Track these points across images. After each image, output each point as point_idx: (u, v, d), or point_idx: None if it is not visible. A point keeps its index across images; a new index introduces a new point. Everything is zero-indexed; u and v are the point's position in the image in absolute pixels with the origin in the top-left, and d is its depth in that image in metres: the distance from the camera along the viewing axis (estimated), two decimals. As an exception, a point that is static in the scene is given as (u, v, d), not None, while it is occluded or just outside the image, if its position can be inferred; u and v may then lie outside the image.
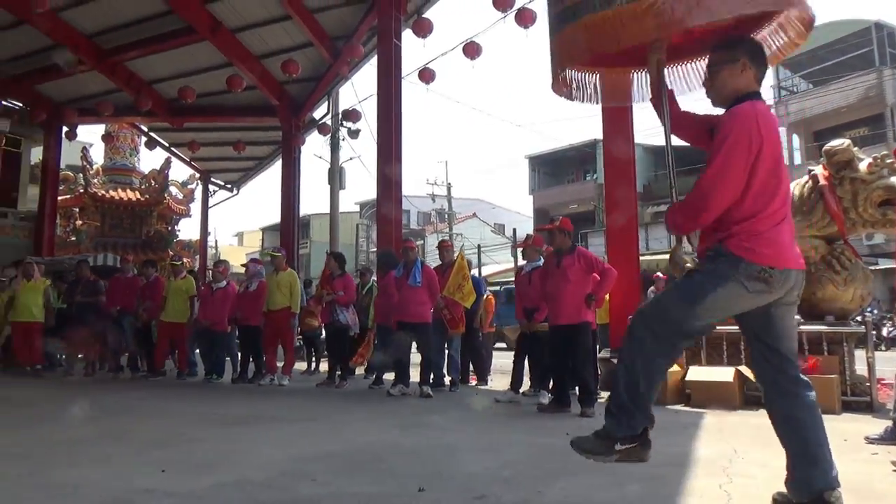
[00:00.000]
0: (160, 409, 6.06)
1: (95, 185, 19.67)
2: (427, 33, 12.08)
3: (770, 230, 2.43)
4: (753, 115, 2.42)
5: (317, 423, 5.14)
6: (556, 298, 5.89)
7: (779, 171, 2.49)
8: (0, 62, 15.07)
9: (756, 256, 2.39)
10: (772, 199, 2.44)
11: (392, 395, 7.01)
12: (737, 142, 2.39)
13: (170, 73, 14.85)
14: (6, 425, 4.88)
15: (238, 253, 45.21)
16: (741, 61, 2.56)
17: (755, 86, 2.59)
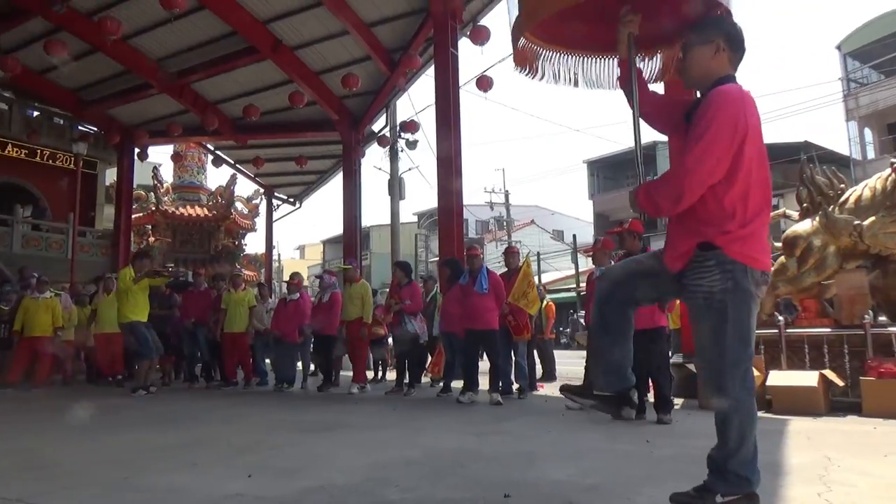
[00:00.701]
0: (238, 416, 6.20)
1: (166, 203, 20.45)
2: (484, 41, 12.12)
3: (763, 232, 2.41)
4: (741, 99, 2.35)
5: (392, 430, 5.16)
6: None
7: (762, 164, 2.40)
8: (77, 89, 15.88)
9: (759, 264, 2.36)
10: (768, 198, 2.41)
11: (462, 402, 6.99)
12: (723, 123, 2.30)
13: (234, 93, 15.35)
14: (96, 432, 5.07)
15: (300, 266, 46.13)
16: (715, 42, 2.48)
17: (729, 69, 2.50)
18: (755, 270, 2.34)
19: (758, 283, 2.36)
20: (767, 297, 7.18)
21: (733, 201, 2.33)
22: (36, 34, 13.39)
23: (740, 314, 2.35)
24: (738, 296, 2.33)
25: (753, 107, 2.38)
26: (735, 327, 2.35)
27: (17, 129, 17.34)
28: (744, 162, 2.32)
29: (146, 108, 16.32)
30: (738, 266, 2.32)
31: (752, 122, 2.34)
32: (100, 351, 10.14)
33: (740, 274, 2.32)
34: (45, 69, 14.76)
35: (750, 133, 2.31)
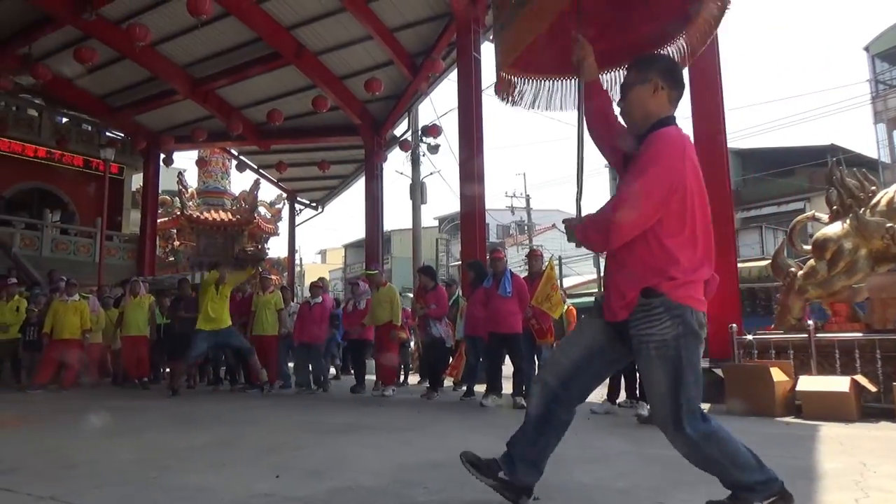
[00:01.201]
0: (263, 418, 6.24)
1: (191, 208, 20.72)
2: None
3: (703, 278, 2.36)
4: (682, 144, 2.31)
5: (416, 432, 5.15)
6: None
7: (705, 212, 2.35)
8: (105, 95, 16.15)
9: (702, 305, 2.34)
10: (711, 248, 2.36)
11: (485, 406, 6.96)
12: (664, 168, 2.26)
13: (258, 98, 15.52)
14: (124, 433, 5.13)
15: (321, 270, 46.37)
16: (653, 81, 2.41)
17: (669, 109, 2.43)
18: (699, 312, 2.32)
19: (702, 324, 2.34)
20: (797, 300, 7.07)
21: (680, 247, 2.29)
22: (66, 42, 13.65)
23: (694, 358, 2.32)
24: (690, 339, 2.30)
25: (693, 151, 2.34)
26: (692, 371, 2.31)
27: (46, 136, 17.69)
28: (688, 208, 2.28)
29: (172, 113, 16.57)
30: (685, 310, 2.29)
31: (693, 167, 2.30)
32: (126, 354, 10.27)
33: (689, 317, 2.29)
34: (75, 76, 15.04)
35: (691, 179, 2.28)
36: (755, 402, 6.14)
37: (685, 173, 2.26)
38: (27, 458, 3.88)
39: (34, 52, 13.74)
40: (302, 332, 9.48)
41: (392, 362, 8.98)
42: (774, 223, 25.01)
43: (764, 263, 15.48)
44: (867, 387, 6.01)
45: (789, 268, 7.30)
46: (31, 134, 17.53)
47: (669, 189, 2.24)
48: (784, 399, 6.16)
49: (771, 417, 5.88)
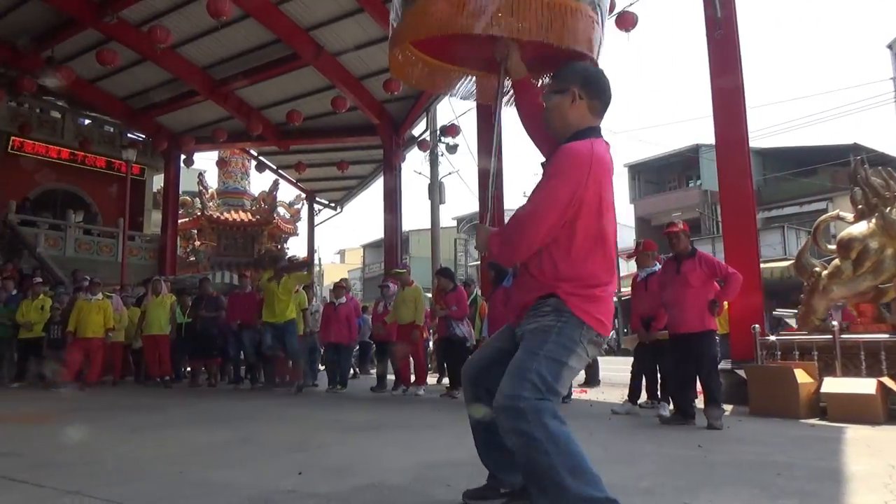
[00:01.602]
0: (286, 416, 6.27)
1: (211, 209, 20.89)
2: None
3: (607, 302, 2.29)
4: (588, 161, 2.18)
5: (437, 431, 5.15)
6: (678, 305, 5.65)
7: (609, 230, 2.27)
8: (126, 97, 16.34)
9: (597, 324, 2.24)
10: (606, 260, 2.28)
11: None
12: (562, 184, 2.18)
13: (277, 99, 15.60)
14: (148, 430, 5.18)
15: (340, 270, 46.52)
16: (571, 90, 2.33)
17: (590, 120, 2.35)
18: (591, 328, 2.22)
19: (592, 341, 2.24)
20: (821, 300, 6.97)
21: (571, 262, 2.23)
22: (88, 45, 13.82)
23: (556, 353, 2.17)
24: (564, 337, 2.18)
25: (604, 167, 2.24)
26: (550, 354, 2.16)
27: (69, 137, 17.94)
28: (581, 224, 2.20)
29: (192, 115, 16.71)
30: (573, 318, 2.20)
31: (598, 185, 2.20)
32: (148, 352, 10.38)
33: (574, 323, 2.20)
34: (96, 78, 15.24)
35: (592, 196, 2.18)
36: (778, 403, 6.07)
37: (581, 194, 2.16)
38: (54, 454, 3.93)
39: (57, 54, 13.92)
40: (328, 333, 9.59)
41: (417, 362, 9.00)
42: (796, 223, 24.71)
43: (786, 264, 15.31)
44: (893, 389, 5.92)
45: (814, 268, 7.20)
46: (54, 136, 17.79)
47: (567, 204, 2.17)
48: (808, 401, 6.08)
49: (795, 419, 5.81)
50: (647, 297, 6.38)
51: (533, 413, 2.08)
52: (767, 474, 3.36)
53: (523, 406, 2.09)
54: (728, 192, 8.24)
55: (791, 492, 3.00)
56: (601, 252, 2.26)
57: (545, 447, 2.06)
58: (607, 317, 2.28)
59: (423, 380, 8.90)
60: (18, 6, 13.11)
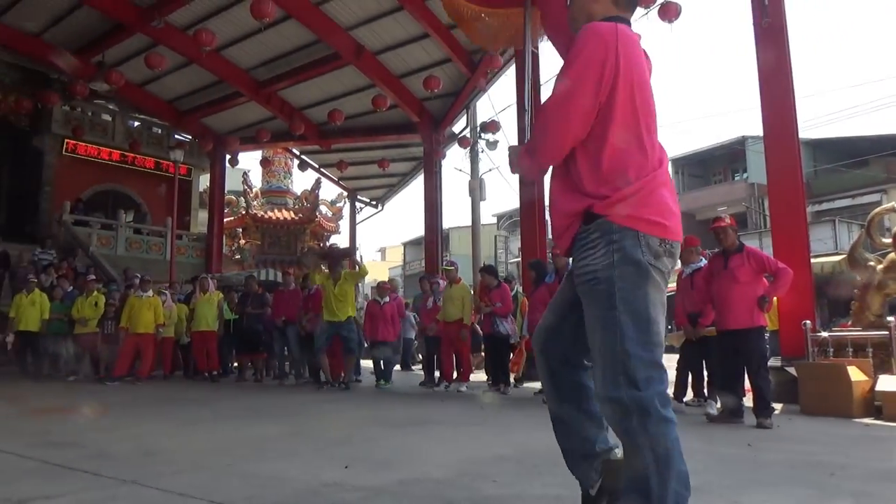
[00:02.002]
0: (331, 411, 6.36)
1: (255, 207, 21.30)
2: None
3: (661, 190, 1.93)
4: (611, 35, 1.90)
5: (481, 427, 5.16)
6: (725, 302, 5.54)
7: (649, 110, 1.96)
8: (173, 99, 16.75)
9: (656, 229, 1.89)
10: (650, 147, 1.93)
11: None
12: (588, 62, 1.89)
13: (318, 99, 15.80)
14: (199, 423, 5.32)
15: (381, 268, 46.80)
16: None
17: (614, 10, 2.07)
18: (650, 237, 1.87)
19: (656, 253, 1.88)
20: (876, 295, 6.76)
21: (606, 159, 1.91)
22: (137, 49, 14.22)
23: (632, 296, 1.85)
24: (627, 270, 1.85)
25: (632, 45, 1.95)
26: (627, 314, 1.84)
27: (119, 139, 18.50)
28: (616, 108, 1.90)
29: (237, 115, 17.04)
30: (626, 233, 1.87)
31: (628, 61, 1.90)
32: (196, 348, 10.64)
33: (630, 242, 1.86)
34: (145, 81, 15.66)
35: (623, 73, 1.88)
36: (831, 402, 5.90)
37: (612, 68, 1.87)
38: (110, 445, 4.06)
39: (107, 59, 14.36)
40: (374, 331, 9.72)
41: (462, 358, 9.04)
42: (848, 216, 23.92)
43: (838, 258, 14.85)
44: (956, 387, 5.70)
45: (868, 262, 6.98)
46: (105, 138, 18.36)
47: (595, 90, 1.88)
48: (862, 399, 5.90)
49: (848, 418, 5.65)
50: (692, 294, 6.27)
51: (637, 411, 1.82)
52: (820, 474, 3.27)
53: (626, 403, 1.83)
54: (777, 185, 8.03)
55: (846, 492, 2.92)
56: (644, 135, 1.94)
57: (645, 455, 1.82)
58: (667, 212, 1.92)
59: (466, 376, 8.92)
60: (70, 13, 13.55)
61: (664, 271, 1.90)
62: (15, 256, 13.90)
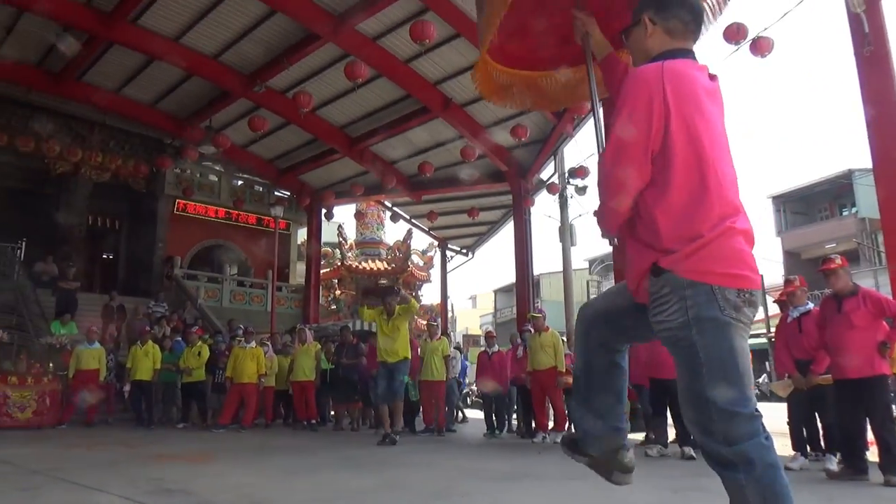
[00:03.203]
0: (426, 462, 6.34)
1: (350, 259, 21.97)
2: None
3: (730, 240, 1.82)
4: (657, 76, 1.83)
5: (580, 482, 4.96)
6: (842, 349, 5.17)
7: (718, 149, 1.86)
8: (273, 158, 17.74)
9: (730, 280, 1.79)
10: (721, 190, 1.82)
11: (650, 455, 6.63)
12: (633, 109, 1.83)
13: (409, 152, 16.27)
14: (299, 472, 5.43)
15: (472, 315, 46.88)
16: (643, 20, 2.05)
17: (671, 43, 2.01)
18: (727, 289, 1.79)
19: (735, 306, 1.79)
20: None
21: (670, 209, 1.83)
22: (240, 113, 15.24)
23: (715, 349, 1.79)
24: (706, 327, 1.79)
25: (685, 80, 1.87)
26: (712, 366, 1.79)
27: (225, 198, 19.68)
28: (675, 152, 1.82)
29: (332, 171, 17.81)
30: (698, 289, 1.79)
31: (679, 98, 1.82)
32: (296, 397, 10.95)
33: (703, 298, 1.79)
34: (248, 143, 16.69)
35: (676, 113, 1.81)
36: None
37: (661, 112, 1.81)
38: (218, 493, 4.22)
39: (214, 124, 15.44)
40: (484, 381, 9.84)
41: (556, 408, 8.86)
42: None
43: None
44: None
45: None
46: (212, 197, 19.59)
47: (646, 138, 1.82)
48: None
49: None
50: (801, 339, 5.89)
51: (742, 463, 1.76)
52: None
53: (728, 458, 1.79)
54: (891, 218, 7.54)
55: None
56: (710, 180, 1.83)
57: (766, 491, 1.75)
58: (743, 262, 1.83)
59: (561, 426, 8.71)
60: (181, 84, 14.74)
61: (746, 322, 1.84)
62: (131, 310, 14.88)
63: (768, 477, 1.75)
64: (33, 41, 13.24)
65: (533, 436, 9.03)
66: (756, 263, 1.88)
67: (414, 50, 12.07)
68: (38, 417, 9.80)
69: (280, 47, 12.98)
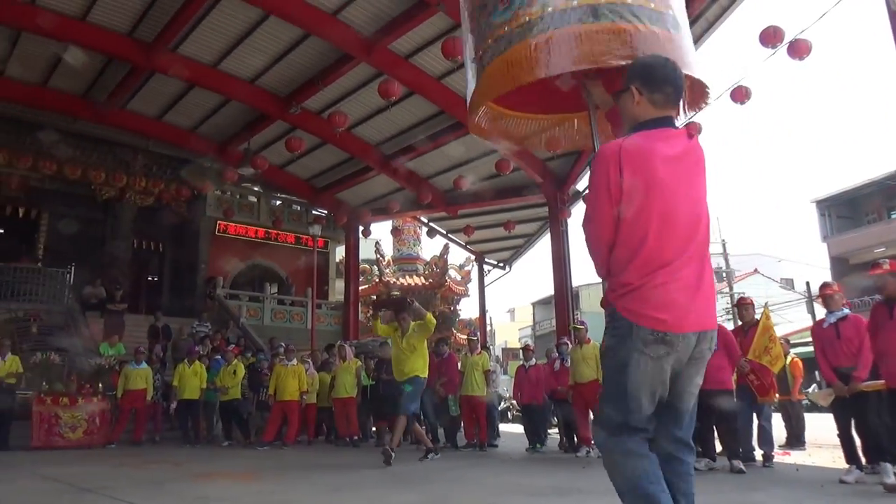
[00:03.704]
0: (469, 478, 6.30)
1: (387, 275, 22.11)
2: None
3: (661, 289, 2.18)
4: (612, 155, 2.22)
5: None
6: (893, 355, 5.01)
7: (650, 212, 2.19)
8: (310, 178, 18.02)
9: (647, 321, 2.17)
10: (641, 245, 2.19)
11: (698, 469, 6.46)
12: (596, 184, 2.25)
13: (444, 167, 16.35)
14: (343, 489, 5.45)
15: (511, 328, 46.68)
16: (632, 88, 2.35)
17: (654, 112, 2.34)
18: (642, 328, 2.17)
19: (645, 341, 2.17)
20: None
21: (619, 259, 2.25)
22: (277, 135, 15.54)
23: (616, 371, 2.24)
24: (619, 352, 2.23)
25: (642, 156, 2.21)
26: (610, 381, 2.31)
27: (264, 218, 20.02)
28: (625, 214, 2.21)
29: (368, 189, 18.00)
30: (623, 323, 2.22)
31: (634, 172, 2.19)
32: (337, 414, 11.01)
33: (625, 331, 2.21)
34: (285, 163, 16.98)
35: (629, 183, 2.18)
36: None
37: (616, 186, 2.19)
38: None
39: (252, 146, 15.75)
40: (521, 394, 9.83)
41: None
42: None
43: None
44: None
45: None
46: (251, 217, 19.94)
47: (607, 204, 2.22)
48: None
49: None
50: (839, 345, 5.68)
51: (605, 452, 2.27)
52: None
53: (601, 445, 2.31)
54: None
55: None
56: (648, 240, 2.19)
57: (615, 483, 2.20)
58: (665, 308, 2.18)
59: None
60: (219, 109, 15.11)
61: (654, 356, 2.18)
62: (175, 329, 15.19)
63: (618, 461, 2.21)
64: (79, 73, 13.74)
65: (576, 450, 8.91)
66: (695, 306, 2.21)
67: (446, 66, 12.17)
68: (88, 437, 10.04)
69: (314, 69, 13.22)
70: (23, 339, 12.01)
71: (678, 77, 2.38)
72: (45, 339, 12.35)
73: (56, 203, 17.20)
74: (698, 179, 2.32)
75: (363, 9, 11.51)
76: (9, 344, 10.32)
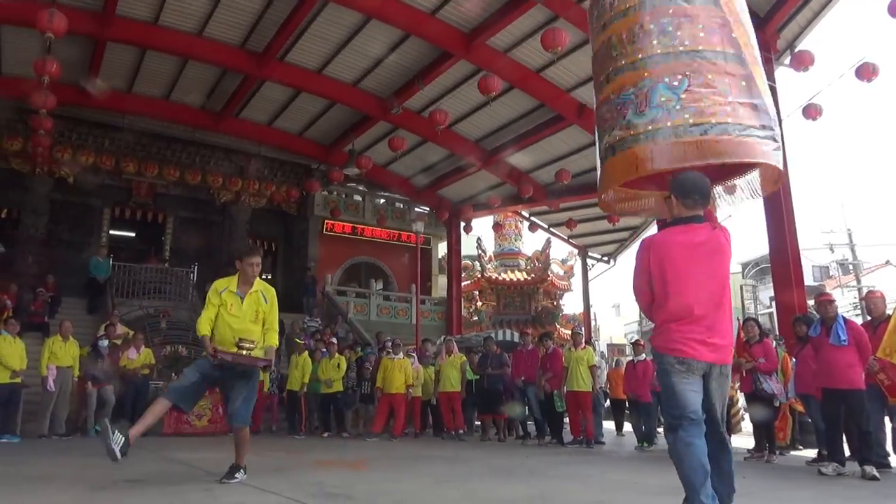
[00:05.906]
0: (578, 474, 6.19)
1: (490, 270, 22.14)
2: (808, 66, 11.05)
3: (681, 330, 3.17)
4: (647, 245, 3.36)
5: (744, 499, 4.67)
6: None
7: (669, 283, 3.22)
8: (412, 176, 18.33)
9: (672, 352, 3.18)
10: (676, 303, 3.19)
11: (825, 474, 6.06)
12: (636, 266, 3.36)
13: (544, 161, 16.20)
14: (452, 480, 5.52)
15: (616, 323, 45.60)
16: (671, 196, 3.38)
17: (685, 212, 3.32)
18: (668, 356, 3.18)
19: (672, 365, 3.17)
20: None
21: (655, 312, 3.33)
22: (380, 135, 15.93)
23: (664, 388, 3.27)
24: (662, 373, 3.25)
25: (665, 246, 3.28)
26: (664, 391, 3.27)
27: (369, 216, 20.57)
28: (655, 283, 3.27)
29: (469, 185, 18.10)
30: (656, 353, 3.30)
31: (658, 257, 3.26)
32: (443, 407, 11.14)
33: (658, 358, 3.28)
34: (388, 162, 17.36)
35: (655, 265, 3.26)
36: None
37: (646, 266, 3.30)
38: (377, 498, 4.38)
39: (356, 147, 16.22)
40: (630, 390, 9.76)
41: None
42: None
43: None
44: None
45: None
46: (357, 216, 20.54)
47: (643, 279, 3.33)
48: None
49: None
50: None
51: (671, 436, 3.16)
52: None
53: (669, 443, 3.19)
54: None
55: None
56: (670, 298, 3.20)
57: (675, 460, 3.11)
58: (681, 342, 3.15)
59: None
60: (324, 113, 15.67)
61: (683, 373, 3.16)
62: (288, 325, 15.89)
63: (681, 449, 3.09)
64: (197, 86, 14.67)
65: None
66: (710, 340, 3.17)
67: (545, 59, 12.04)
68: (212, 425, 10.70)
69: (415, 69, 13.43)
70: (154, 333, 12.93)
71: (704, 186, 3.35)
72: (172, 334, 13.25)
73: (179, 207, 18.51)
74: (717, 258, 3.25)
75: (461, 6, 11.57)
76: (142, 338, 11.18)
